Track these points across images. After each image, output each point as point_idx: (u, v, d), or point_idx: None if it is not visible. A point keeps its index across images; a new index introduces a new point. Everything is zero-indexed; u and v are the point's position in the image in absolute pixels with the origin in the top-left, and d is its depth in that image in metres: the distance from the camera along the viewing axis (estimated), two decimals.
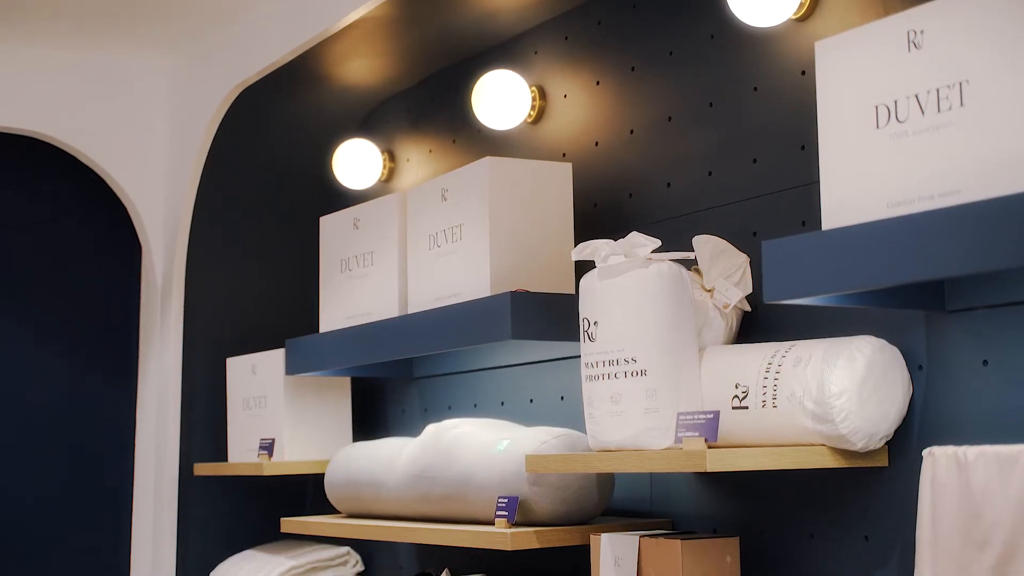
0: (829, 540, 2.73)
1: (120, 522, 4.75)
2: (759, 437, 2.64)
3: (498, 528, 3.03)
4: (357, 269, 3.79)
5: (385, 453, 3.61)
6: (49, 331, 4.76)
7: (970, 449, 2.28)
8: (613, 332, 2.74)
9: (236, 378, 4.51)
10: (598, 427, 2.78)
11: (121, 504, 4.76)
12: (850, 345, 2.53)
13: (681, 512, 3.11)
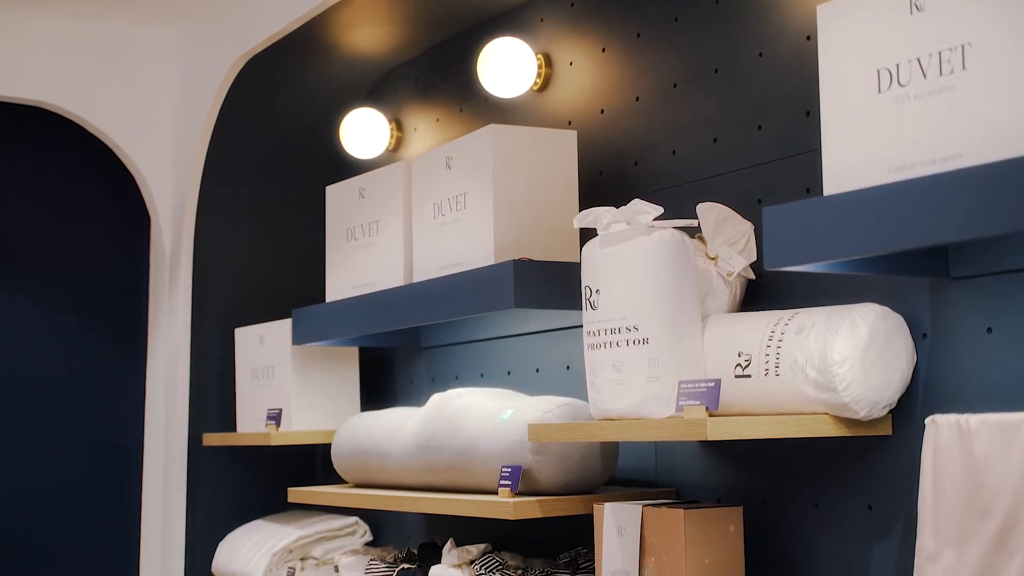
0: (833, 509, 2.71)
1: (130, 492, 4.76)
2: (762, 406, 2.62)
3: (501, 497, 3.02)
4: (363, 238, 3.77)
5: (390, 423, 3.61)
6: (60, 302, 4.76)
7: (972, 417, 2.26)
8: (615, 300, 2.72)
9: (244, 348, 4.51)
10: (600, 396, 2.76)
11: (131, 473, 4.77)
12: (853, 313, 2.51)
13: (686, 482, 3.09)
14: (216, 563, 4.45)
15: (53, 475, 4.68)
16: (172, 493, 4.61)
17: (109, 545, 4.73)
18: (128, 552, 4.73)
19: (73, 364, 4.76)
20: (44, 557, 4.64)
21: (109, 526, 4.74)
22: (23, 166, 4.76)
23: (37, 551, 4.63)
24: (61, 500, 4.69)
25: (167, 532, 4.63)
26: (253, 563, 4.20)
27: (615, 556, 2.86)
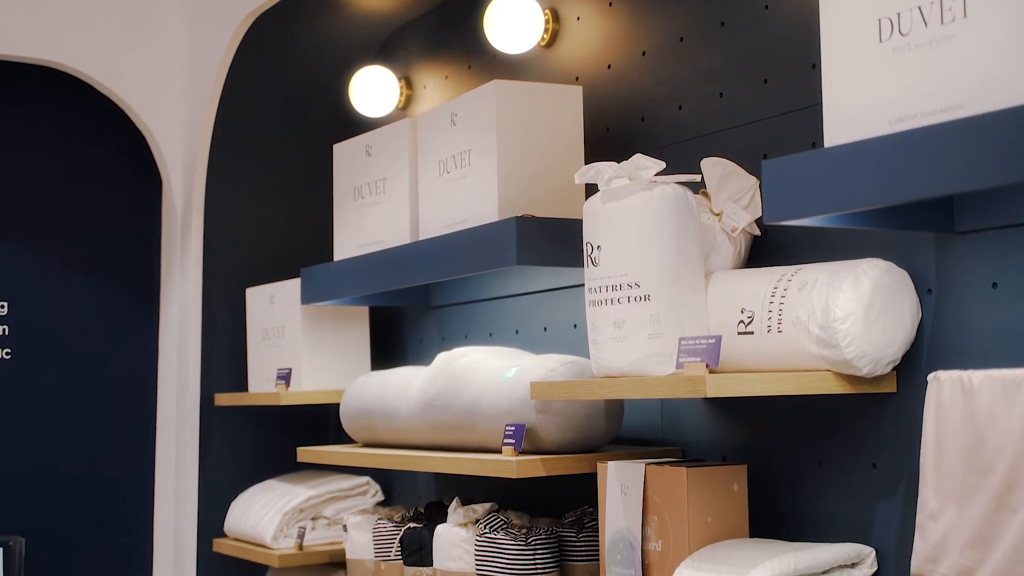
0: (837, 467, 2.68)
1: (144, 451, 4.76)
2: (765, 363, 2.58)
3: (505, 456, 3.00)
4: (370, 196, 3.74)
5: (397, 382, 3.59)
6: (73, 261, 4.75)
7: (975, 373, 2.22)
8: (616, 257, 2.69)
9: (255, 308, 4.49)
10: (601, 353, 2.73)
11: (145, 434, 4.77)
12: (856, 268, 2.47)
13: (691, 440, 3.06)
14: (228, 523, 4.45)
15: (67, 435, 4.68)
16: (185, 453, 4.62)
17: (124, 503, 4.74)
18: (142, 511, 4.74)
19: (87, 324, 4.76)
20: (60, 515, 4.65)
21: (123, 486, 4.75)
22: (35, 126, 4.74)
23: (52, 509, 4.64)
24: (75, 460, 4.69)
25: (180, 492, 4.63)
26: (264, 523, 4.20)
27: (618, 515, 2.84)
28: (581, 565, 3.12)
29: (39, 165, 4.73)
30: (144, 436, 4.77)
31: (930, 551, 2.26)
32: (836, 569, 2.54)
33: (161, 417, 4.77)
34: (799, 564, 2.48)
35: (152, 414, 4.78)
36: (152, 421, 4.78)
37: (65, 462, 4.67)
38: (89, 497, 4.69)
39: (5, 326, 4.64)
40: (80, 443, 4.70)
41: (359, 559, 3.70)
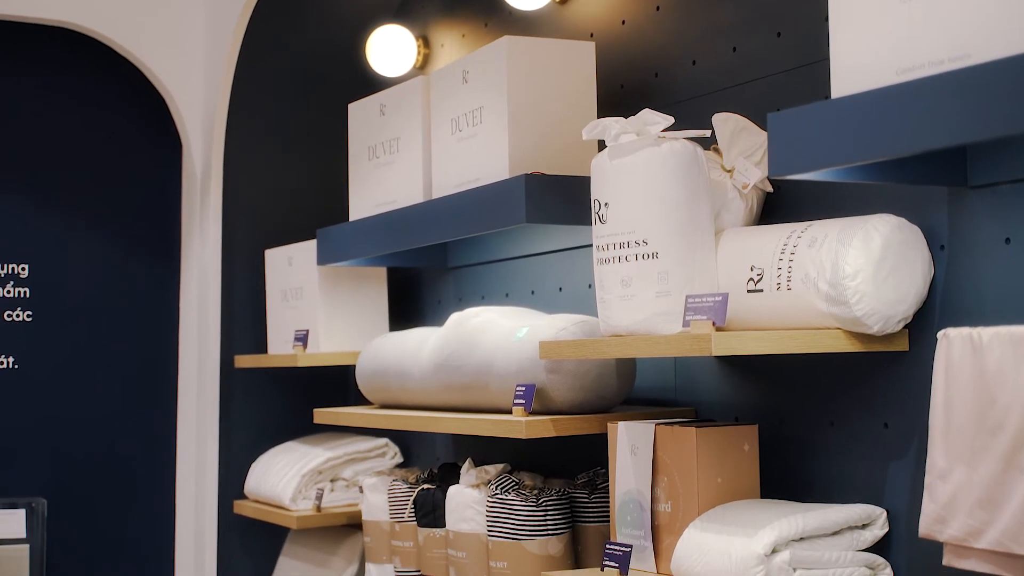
0: (849, 428, 2.63)
1: (166, 413, 4.76)
2: (774, 321, 2.54)
3: (515, 417, 2.97)
4: (384, 156, 3.71)
5: (411, 343, 3.56)
6: (94, 224, 4.74)
7: (985, 330, 2.17)
8: (624, 213, 2.65)
9: (274, 269, 4.48)
10: (609, 311, 2.69)
11: (166, 396, 4.77)
12: (867, 224, 2.42)
13: (705, 401, 3.02)
14: (248, 484, 4.45)
15: (89, 398, 4.69)
16: (205, 415, 4.62)
17: (146, 465, 4.74)
18: (164, 473, 4.75)
19: (108, 287, 4.75)
20: (81, 477, 4.66)
21: (145, 447, 4.75)
22: (56, 89, 4.72)
23: (74, 471, 4.65)
24: (96, 422, 4.70)
25: (201, 454, 4.64)
26: (283, 484, 4.19)
27: (628, 476, 2.81)
28: (593, 526, 3.09)
29: (61, 128, 4.72)
30: (165, 398, 4.77)
31: (938, 512, 2.21)
32: (847, 530, 2.50)
33: (182, 379, 4.77)
34: (807, 525, 2.44)
35: (173, 376, 4.78)
36: (173, 383, 4.78)
37: (87, 424, 4.68)
38: (111, 459, 4.70)
39: (26, 288, 4.64)
40: (102, 405, 4.71)
41: (375, 520, 3.68)
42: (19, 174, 4.65)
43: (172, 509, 4.73)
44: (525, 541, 3.02)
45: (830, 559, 2.44)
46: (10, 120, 4.65)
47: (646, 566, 2.75)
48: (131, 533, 4.70)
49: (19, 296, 4.63)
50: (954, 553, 2.21)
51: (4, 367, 4.59)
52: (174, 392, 4.77)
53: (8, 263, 4.63)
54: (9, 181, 4.64)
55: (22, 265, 4.64)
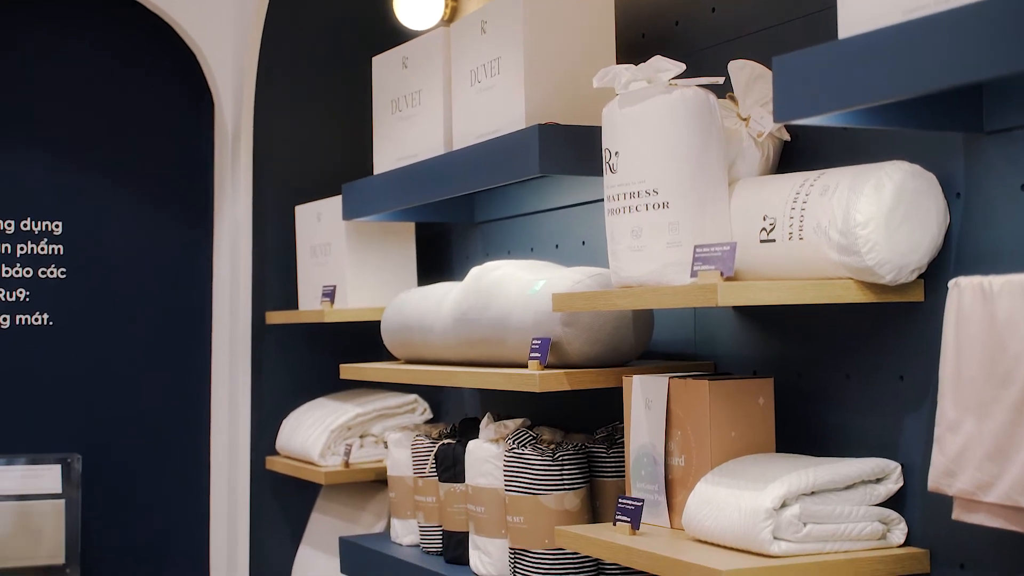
0: (865, 380, 2.58)
1: (200, 370, 4.77)
2: (787, 271, 2.49)
3: (530, 370, 2.94)
4: (406, 109, 3.68)
5: (434, 297, 3.54)
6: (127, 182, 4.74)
7: (996, 279, 2.10)
8: (634, 163, 2.60)
9: (304, 225, 4.47)
10: (619, 263, 2.65)
11: (200, 352, 4.78)
12: (879, 171, 2.36)
13: (723, 354, 2.98)
14: (280, 440, 4.46)
15: (123, 355, 4.71)
16: (237, 371, 4.62)
17: (180, 421, 4.76)
18: (199, 428, 4.76)
19: (142, 244, 4.76)
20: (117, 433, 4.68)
21: (179, 404, 4.77)
22: (87, 47, 4.72)
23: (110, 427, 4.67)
24: (131, 378, 4.72)
25: (233, 410, 4.65)
26: (312, 440, 4.20)
27: (642, 430, 2.77)
28: (611, 481, 3.05)
29: (94, 86, 4.73)
30: (199, 354, 4.78)
31: (948, 465, 2.16)
32: (860, 484, 2.45)
33: (216, 336, 4.77)
34: (819, 479, 2.39)
35: (207, 332, 4.79)
36: (207, 339, 4.79)
37: (121, 381, 4.70)
38: (145, 415, 4.73)
39: (60, 245, 4.66)
40: (136, 361, 4.73)
41: (399, 476, 3.67)
42: (52, 132, 4.66)
43: (206, 465, 4.75)
44: (541, 495, 3.00)
45: (842, 513, 2.40)
46: (44, 78, 4.66)
47: (660, 521, 2.71)
48: (165, 488, 4.73)
49: (53, 253, 4.65)
50: (963, 507, 2.15)
51: (39, 324, 4.62)
52: (208, 348, 4.78)
53: (42, 221, 4.65)
54: (43, 139, 4.65)
55: (56, 223, 4.66)
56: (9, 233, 4.61)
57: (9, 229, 4.61)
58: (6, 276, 4.60)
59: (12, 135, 4.61)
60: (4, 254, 4.60)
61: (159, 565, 4.70)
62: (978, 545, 2.32)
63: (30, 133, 4.63)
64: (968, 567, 2.34)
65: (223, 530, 4.68)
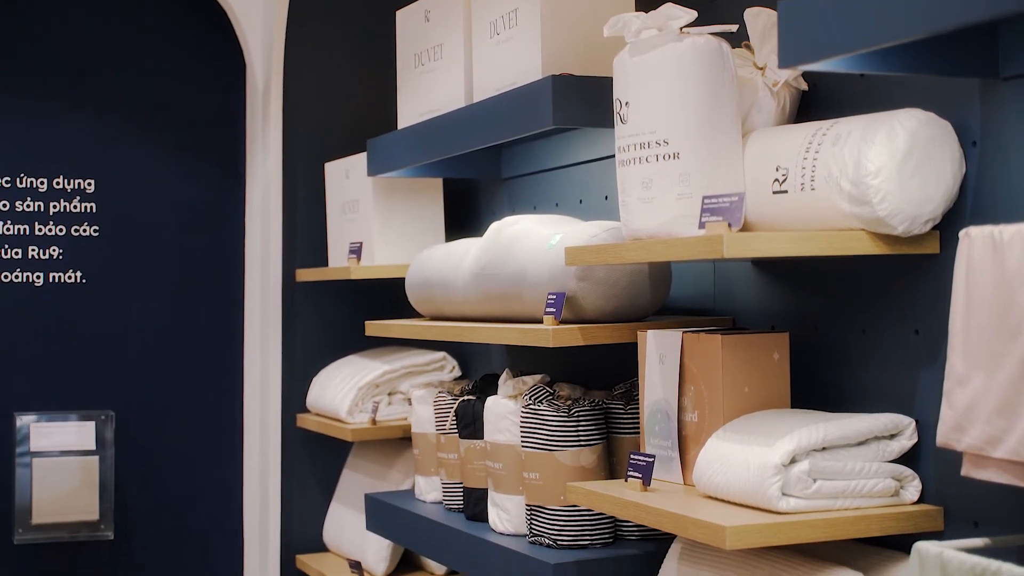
0: (881, 335, 2.52)
1: (232, 328, 4.77)
2: (799, 223, 2.43)
3: (544, 326, 2.90)
4: (429, 63, 3.64)
5: (455, 253, 3.50)
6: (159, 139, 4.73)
7: (1007, 228, 2.04)
8: (644, 113, 2.55)
9: (333, 182, 4.45)
10: (630, 215, 2.60)
11: (233, 310, 4.77)
12: (892, 119, 2.29)
13: (742, 309, 2.93)
14: (310, 398, 4.46)
15: (156, 312, 4.71)
16: (269, 329, 4.63)
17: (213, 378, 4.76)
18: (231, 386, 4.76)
19: (174, 202, 4.75)
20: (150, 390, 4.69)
21: (212, 361, 4.77)
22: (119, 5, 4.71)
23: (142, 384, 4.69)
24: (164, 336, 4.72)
25: (265, 368, 4.65)
26: (340, 397, 4.19)
27: (656, 385, 2.74)
28: (628, 438, 3.02)
29: (125, 44, 4.72)
30: (231, 312, 4.78)
31: (956, 419, 2.10)
32: (873, 440, 2.40)
33: (248, 294, 4.77)
34: (829, 434, 2.35)
35: (239, 290, 4.78)
36: (239, 297, 4.78)
37: (154, 338, 4.71)
38: (179, 372, 4.74)
39: (92, 203, 4.67)
40: (169, 319, 4.74)
41: (423, 433, 3.66)
42: (83, 90, 4.66)
43: (239, 422, 4.76)
44: (557, 452, 2.97)
45: (853, 470, 2.35)
46: (74, 36, 4.66)
47: (673, 477, 2.68)
48: (198, 445, 4.74)
49: (86, 211, 4.66)
50: (972, 463, 2.10)
51: (72, 282, 4.63)
52: (240, 306, 4.78)
53: (75, 179, 4.65)
54: (74, 97, 4.65)
55: (88, 180, 4.67)
56: (42, 191, 4.62)
57: (42, 187, 4.62)
58: (39, 234, 4.61)
59: (45, 94, 4.62)
60: (37, 212, 4.61)
61: (192, 522, 4.72)
62: (992, 502, 2.27)
63: (62, 92, 4.64)
64: (982, 525, 2.29)
65: (255, 487, 4.69)
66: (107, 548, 4.60)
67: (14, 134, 4.60)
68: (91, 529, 4.52)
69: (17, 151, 4.60)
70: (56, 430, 4.53)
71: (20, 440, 4.49)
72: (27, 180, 4.61)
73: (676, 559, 2.69)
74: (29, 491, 4.44)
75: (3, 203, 4.58)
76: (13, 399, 4.55)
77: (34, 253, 4.60)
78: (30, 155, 4.61)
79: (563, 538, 2.95)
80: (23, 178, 4.61)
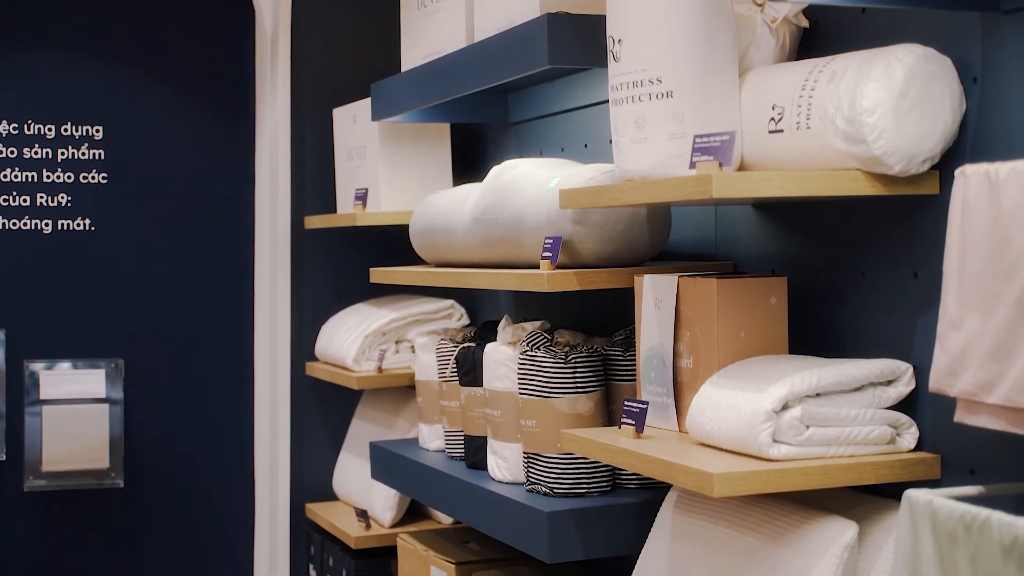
0: (880, 279, 2.45)
1: (243, 275, 4.74)
2: (795, 163, 2.36)
3: (540, 271, 2.85)
4: (431, 4, 3.57)
5: (457, 198, 3.45)
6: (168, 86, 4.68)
7: (1003, 165, 1.96)
8: (637, 50, 2.47)
9: (341, 128, 4.39)
10: (623, 156, 2.54)
11: (243, 257, 4.74)
12: (889, 55, 2.22)
13: (743, 254, 2.86)
14: (318, 346, 4.43)
15: (165, 260, 4.68)
16: (278, 277, 4.59)
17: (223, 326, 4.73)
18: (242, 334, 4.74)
19: (183, 149, 4.71)
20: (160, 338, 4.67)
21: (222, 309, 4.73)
22: None
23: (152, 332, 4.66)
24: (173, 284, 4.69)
25: (274, 315, 4.62)
26: (347, 345, 4.15)
27: (652, 331, 2.68)
28: (627, 385, 2.97)
29: None
30: (241, 259, 4.74)
31: (950, 364, 2.04)
32: (869, 387, 2.34)
33: (258, 241, 4.73)
34: (823, 380, 2.29)
35: (249, 238, 4.75)
36: (249, 245, 4.75)
37: (163, 286, 4.69)
38: (188, 320, 4.71)
39: (100, 150, 4.63)
40: (178, 267, 4.71)
41: (426, 380, 3.62)
42: (91, 36, 4.62)
43: (249, 370, 4.73)
44: (554, 399, 2.92)
45: (848, 416, 2.29)
46: None
47: (668, 424, 2.62)
48: (208, 393, 4.72)
49: (94, 158, 4.63)
50: (965, 409, 2.03)
51: (80, 229, 4.61)
52: (250, 253, 4.74)
53: (82, 125, 4.62)
54: (81, 43, 4.61)
55: (96, 127, 4.63)
56: (50, 138, 4.59)
57: (50, 134, 4.59)
58: (47, 181, 4.58)
59: (52, 40, 4.58)
60: (45, 159, 4.58)
61: (202, 470, 4.71)
62: (990, 450, 2.20)
63: (70, 37, 4.59)
64: (978, 472, 2.23)
65: (265, 435, 4.67)
66: (117, 496, 4.59)
67: (21, 81, 4.56)
68: (101, 477, 4.51)
69: (24, 98, 4.56)
70: (66, 378, 4.52)
71: (30, 388, 4.48)
72: (35, 127, 4.58)
73: (672, 508, 2.64)
74: (39, 439, 4.44)
75: (11, 150, 4.55)
76: (23, 347, 4.54)
77: (42, 200, 4.57)
78: (37, 102, 4.57)
79: (560, 486, 2.90)
80: (31, 124, 4.57)
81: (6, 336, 4.51)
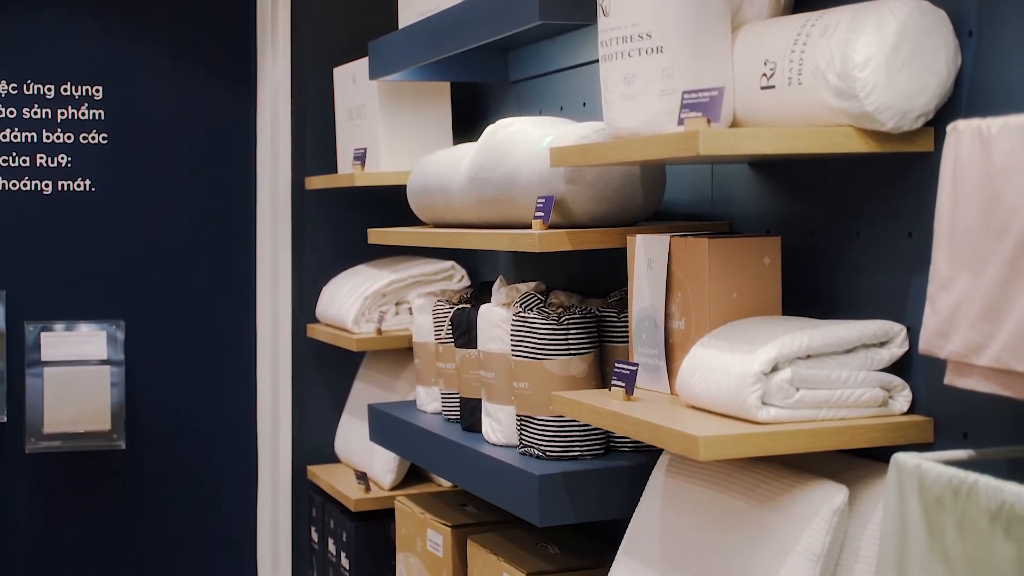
0: (874, 238, 2.40)
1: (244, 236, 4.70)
2: (788, 120, 2.31)
3: (531, 231, 2.80)
4: None
5: (453, 158, 3.40)
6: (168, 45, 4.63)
7: (995, 121, 1.90)
8: (627, 4, 2.42)
9: (342, 88, 4.35)
10: (612, 112, 2.49)
11: (244, 217, 4.70)
12: (882, 8, 2.16)
13: (740, 214, 2.81)
14: (319, 308, 4.40)
15: (166, 221, 4.65)
16: (279, 237, 4.56)
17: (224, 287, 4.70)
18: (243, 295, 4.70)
19: (183, 109, 4.66)
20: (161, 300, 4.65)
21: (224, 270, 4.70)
22: None
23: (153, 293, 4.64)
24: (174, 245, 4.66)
25: (276, 276, 4.59)
26: (347, 307, 4.12)
27: (644, 292, 2.63)
28: (621, 347, 2.92)
29: None
30: (242, 220, 4.71)
31: (940, 325, 1.99)
32: (861, 348, 2.29)
33: (259, 202, 4.70)
34: (813, 342, 2.24)
35: (250, 198, 4.71)
36: (250, 205, 4.71)
37: (164, 247, 4.66)
38: (189, 281, 4.68)
39: (100, 110, 4.60)
40: (179, 228, 4.68)
41: (423, 342, 3.58)
42: None
43: (251, 332, 4.70)
44: (546, 361, 2.88)
45: (839, 378, 2.24)
46: None
47: (659, 387, 2.58)
48: (210, 355, 4.70)
49: (94, 118, 4.59)
50: (955, 371, 1.98)
51: (81, 190, 4.58)
52: (251, 213, 4.71)
53: (82, 85, 4.58)
54: (82, 2, 4.57)
55: (96, 87, 4.59)
56: (49, 98, 4.55)
57: (49, 94, 4.55)
58: (47, 142, 4.55)
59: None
60: (45, 119, 4.55)
61: (204, 432, 4.69)
62: (983, 413, 2.16)
63: None
64: (971, 436, 2.18)
65: (267, 397, 4.64)
66: (119, 458, 4.58)
67: (20, 40, 4.52)
68: (102, 439, 4.50)
69: (23, 57, 4.53)
70: (67, 339, 4.50)
71: (30, 349, 4.47)
72: (34, 87, 4.54)
73: (663, 471, 2.61)
74: (40, 401, 4.43)
75: (10, 110, 4.52)
76: (23, 308, 4.52)
77: (42, 161, 4.54)
78: (37, 61, 4.54)
79: (552, 449, 2.87)
80: (30, 84, 4.54)
81: (6, 297, 4.49)
